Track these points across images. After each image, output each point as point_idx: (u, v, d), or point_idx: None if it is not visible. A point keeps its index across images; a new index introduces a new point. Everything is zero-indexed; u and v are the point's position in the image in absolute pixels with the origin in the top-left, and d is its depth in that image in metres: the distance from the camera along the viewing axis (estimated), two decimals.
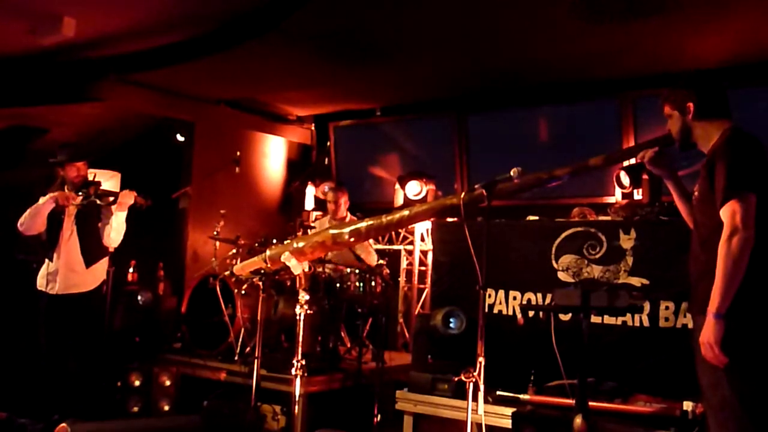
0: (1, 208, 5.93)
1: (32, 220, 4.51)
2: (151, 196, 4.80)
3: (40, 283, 4.64)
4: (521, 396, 3.94)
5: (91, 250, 4.66)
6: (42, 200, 4.53)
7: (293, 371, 3.53)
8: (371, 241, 6.11)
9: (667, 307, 3.98)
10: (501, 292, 4.49)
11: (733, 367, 2.56)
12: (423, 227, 6.82)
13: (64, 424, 3.28)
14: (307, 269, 3.56)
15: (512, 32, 5.06)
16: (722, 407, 2.60)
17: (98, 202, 4.61)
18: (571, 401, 3.50)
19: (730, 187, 2.57)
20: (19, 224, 4.56)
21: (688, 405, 3.48)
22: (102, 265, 4.78)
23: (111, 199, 4.62)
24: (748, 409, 2.55)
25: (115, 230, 4.63)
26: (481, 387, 2.98)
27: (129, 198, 4.58)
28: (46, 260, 4.65)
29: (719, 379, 2.59)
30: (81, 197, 4.58)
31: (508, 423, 3.81)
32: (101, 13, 4.91)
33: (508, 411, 3.82)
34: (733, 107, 2.81)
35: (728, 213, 2.56)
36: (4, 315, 5.95)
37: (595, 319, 3.99)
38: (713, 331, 2.55)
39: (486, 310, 4.27)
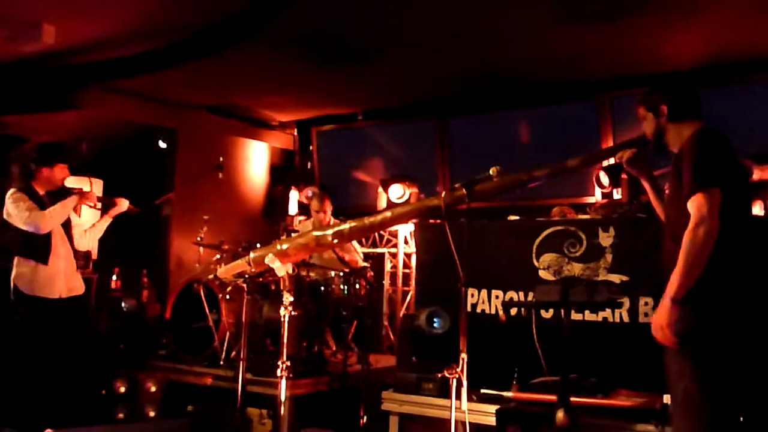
0: None
1: (59, 219, 4.48)
2: (133, 202, 4.84)
3: (39, 288, 4.44)
4: (505, 393, 3.98)
5: (74, 252, 4.72)
6: (67, 201, 4.49)
7: (278, 373, 3.54)
8: (356, 244, 6.14)
9: (646, 303, 4.03)
10: (483, 292, 4.53)
11: (698, 360, 2.62)
12: (406, 230, 6.87)
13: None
14: (291, 271, 3.57)
15: (491, 35, 5.12)
16: (684, 398, 2.67)
17: (98, 206, 4.71)
18: (554, 397, 3.54)
19: (695, 181, 2.65)
20: (43, 228, 4.39)
21: (668, 398, 3.54)
22: None
23: (100, 205, 4.72)
24: (708, 403, 2.61)
25: (93, 235, 4.69)
26: (464, 383, 3.01)
27: (124, 206, 4.74)
28: (35, 264, 4.44)
29: (684, 371, 2.65)
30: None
31: (492, 420, 3.84)
32: (80, 21, 4.92)
33: (492, 408, 3.86)
34: (704, 107, 2.89)
35: (695, 205, 2.64)
36: None
37: (576, 316, 4.04)
38: (667, 314, 2.62)
39: (469, 309, 4.31)
